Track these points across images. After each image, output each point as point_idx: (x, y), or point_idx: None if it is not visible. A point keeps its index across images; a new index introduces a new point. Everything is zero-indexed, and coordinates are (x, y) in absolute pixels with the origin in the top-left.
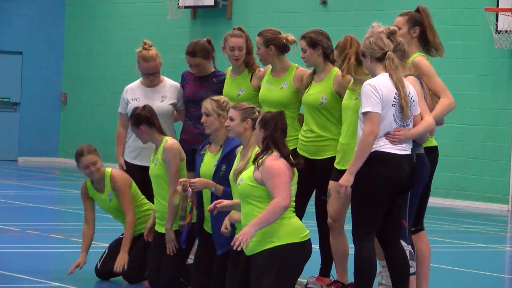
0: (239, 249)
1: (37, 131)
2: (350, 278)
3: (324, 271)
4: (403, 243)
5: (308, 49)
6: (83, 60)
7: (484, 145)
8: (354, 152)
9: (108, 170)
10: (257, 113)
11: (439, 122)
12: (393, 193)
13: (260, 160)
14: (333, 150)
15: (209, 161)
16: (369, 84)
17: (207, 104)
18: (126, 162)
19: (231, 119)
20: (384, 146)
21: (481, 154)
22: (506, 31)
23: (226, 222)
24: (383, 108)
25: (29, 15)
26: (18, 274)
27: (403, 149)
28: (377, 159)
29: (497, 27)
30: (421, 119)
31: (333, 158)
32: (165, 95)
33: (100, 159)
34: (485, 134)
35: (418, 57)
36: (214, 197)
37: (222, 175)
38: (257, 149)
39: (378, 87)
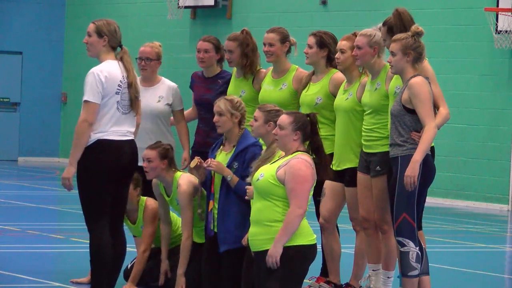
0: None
1: (37, 131)
2: (344, 279)
3: (326, 271)
4: (410, 243)
5: (315, 47)
6: (83, 60)
7: (484, 145)
8: (350, 152)
9: (143, 198)
10: None
11: None
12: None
13: (286, 159)
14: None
15: (222, 158)
16: (93, 73)
17: (221, 104)
18: None
19: (255, 119)
20: (108, 133)
21: (481, 154)
22: (506, 31)
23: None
24: (104, 97)
25: (29, 15)
26: (18, 274)
27: (125, 135)
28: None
29: (497, 27)
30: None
31: None
32: (162, 95)
33: None
34: (485, 134)
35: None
36: (224, 188)
37: (233, 172)
38: (280, 153)
39: (102, 74)
